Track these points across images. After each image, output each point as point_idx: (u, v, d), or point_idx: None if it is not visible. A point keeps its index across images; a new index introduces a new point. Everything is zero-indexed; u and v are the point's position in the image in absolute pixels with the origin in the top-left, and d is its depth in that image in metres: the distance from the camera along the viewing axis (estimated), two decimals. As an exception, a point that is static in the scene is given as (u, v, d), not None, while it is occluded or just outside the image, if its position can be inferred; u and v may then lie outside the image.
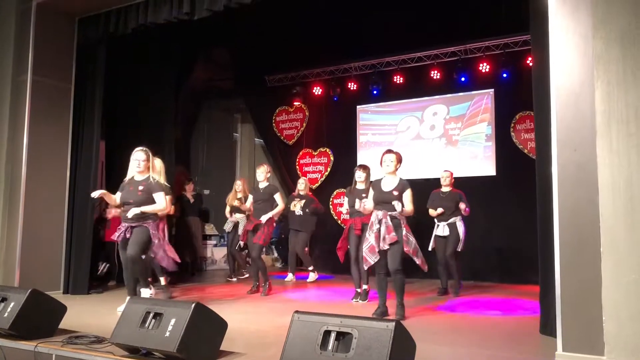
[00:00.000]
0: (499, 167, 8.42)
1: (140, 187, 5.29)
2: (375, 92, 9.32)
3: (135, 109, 8.10)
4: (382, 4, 8.41)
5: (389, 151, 5.27)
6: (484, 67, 8.41)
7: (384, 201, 5.02)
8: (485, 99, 8.69)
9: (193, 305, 3.39)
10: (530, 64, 5.44)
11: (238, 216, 8.11)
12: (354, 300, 6.17)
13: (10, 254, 6.40)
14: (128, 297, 4.90)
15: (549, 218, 3.93)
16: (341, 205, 9.67)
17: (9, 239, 6.45)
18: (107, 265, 7.52)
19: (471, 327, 4.83)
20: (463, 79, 8.60)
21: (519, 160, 8.09)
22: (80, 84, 7.03)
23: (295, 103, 10.28)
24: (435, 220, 6.67)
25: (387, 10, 8.47)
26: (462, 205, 6.52)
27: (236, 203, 8.02)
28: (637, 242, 3.26)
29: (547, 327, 4.24)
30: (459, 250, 6.57)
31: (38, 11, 6.62)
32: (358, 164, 7.11)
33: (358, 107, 9.82)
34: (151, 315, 3.48)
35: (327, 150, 10.01)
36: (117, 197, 5.45)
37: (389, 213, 4.96)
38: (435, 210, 6.61)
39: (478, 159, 8.57)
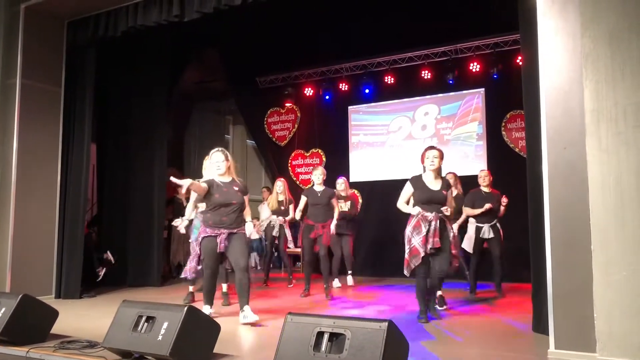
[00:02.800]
0: (490, 166, 8.43)
1: (236, 188, 4.95)
2: (366, 92, 9.33)
3: (126, 111, 8.09)
4: (373, 4, 8.43)
5: (432, 147, 5.11)
6: (475, 67, 8.45)
7: (436, 202, 4.84)
8: (476, 98, 8.72)
9: (185, 308, 3.38)
10: (520, 63, 5.47)
11: (276, 217, 7.71)
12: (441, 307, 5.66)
13: (1, 259, 6.34)
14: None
15: (540, 216, 3.95)
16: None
17: (0, 243, 6.40)
18: (105, 269, 7.45)
19: (464, 325, 4.84)
20: (453, 78, 8.62)
21: (510, 158, 8.13)
22: (70, 87, 6.99)
23: (287, 104, 10.28)
24: (474, 221, 6.45)
25: (377, 11, 8.49)
26: (505, 200, 6.32)
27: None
28: (627, 239, 3.28)
29: (540, 325, 4.26)
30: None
31: (26, 14, 6.57)
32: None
33: (349, 107, 9.82)
34: (143, 319, 3.47)
35: (319, 151, 10.01)
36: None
37: (440, 215, 4.80)
38: (478, 209, 6.36)
39: (469, 158, 8.60)
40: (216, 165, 4.94)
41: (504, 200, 6.38)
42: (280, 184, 7.83)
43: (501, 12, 7.51)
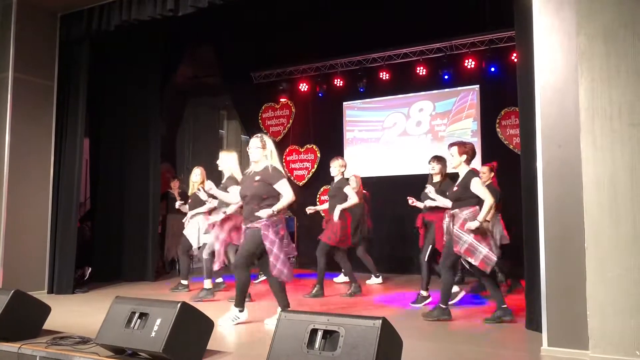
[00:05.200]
0: (484, 162, 8.42)
1: (256, 178, 4.58)
2: (361, 88, 9.31)
3: (120, 106, 8.05)
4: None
5: (451, 144, 5.02)
6: (470, 63, 8.44)
7: (450, 199, 4.95)
8: (470, 95, 8.72)
9: (179, 304, 3.37)
10: (516, 60, 5.47)
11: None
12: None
13: (-7, 254, 6.31)
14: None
15: (534, 213, 3.96)
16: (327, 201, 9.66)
17: (-8, 238, 6.36)
18: (90, 269, 7.38)
19: (457, 322, 4.85)
20: (448, 75, 8.62)
21: (505, 155, 8.13)
22: (63, 82, 6.94)
23: (282, 99, 10.25)
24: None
25: (372, 6, 8.47)
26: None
27: None
28: (621, 237, 3.29)
29: (533, 322, 4.27)
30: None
31: (19, 7, 6.50)
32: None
33: (344, 103, 9.81)
34: (136, 315, 3.45)
35: (314, 146, 9.99)
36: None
37: (451, 211, 4.83)
38: None
39: (464, 155, 8.59)
40: (250, 151, 4.69)
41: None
42: None
43: (496, 9, 7.53)
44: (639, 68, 3.33)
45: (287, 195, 4.53)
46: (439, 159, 5.84)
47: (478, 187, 4.72)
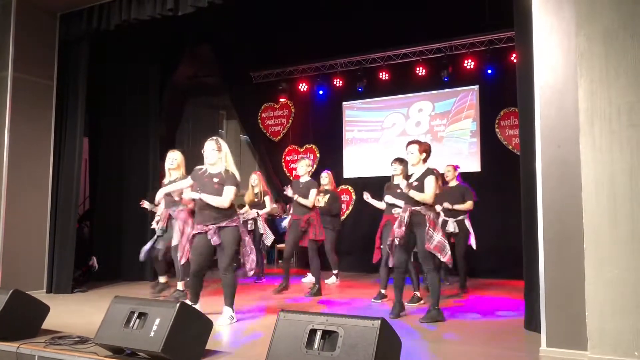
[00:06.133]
0: (483, 163, 8.47)
1: (216, 180, 4.68)
2: (360, 88, 9.31)
3: (119, 105, 8.04)
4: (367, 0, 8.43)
5: (411, 142, 5.13)
6: (469, 64, 8.44)
7: (406, 195, 4.93)
8: (470, 95, 8.73)
9: (178, 304, 3.37)
10: (515, 61, 5.47)
11: (254, 211, 7.61)
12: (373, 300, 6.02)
13: (-8, 254, 6.30)
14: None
15: (533, 214, 3.96)
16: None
17: (-9, 238, 6.35)
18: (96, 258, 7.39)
19: (456, 323, 4.85)
20: (447, 75, 8.61)
21: (504, 156, 8.15)
22: (62, 81, 6.93)
23: (281, 99, 10.25)
24: (442, 215, 6.42)
25: (372, 7, 8.48)
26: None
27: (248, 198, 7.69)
28: (620, 238, 3.29)
29: (532, 322, 4.27)
30: (474, 248, 6.54)
31: (18, 6, 6.49)
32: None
33: (344, 103, 9.81)
34: (135, 315, 3.45)
35: (313, 146, 10.00)
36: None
37: (412, 208, 4.85)
38: (441, 205, 6.42)
39: (463, 155, 8.60)
40: (206, 154, 4.76)
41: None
42: (255, 177, 7.77)
43: (496, 9, 7.53)
44: (638, 69, 3.33)
45: (224, 199, 4.61)
46: (401, 161, 5.96)
47: (430, 183, 4.87)
